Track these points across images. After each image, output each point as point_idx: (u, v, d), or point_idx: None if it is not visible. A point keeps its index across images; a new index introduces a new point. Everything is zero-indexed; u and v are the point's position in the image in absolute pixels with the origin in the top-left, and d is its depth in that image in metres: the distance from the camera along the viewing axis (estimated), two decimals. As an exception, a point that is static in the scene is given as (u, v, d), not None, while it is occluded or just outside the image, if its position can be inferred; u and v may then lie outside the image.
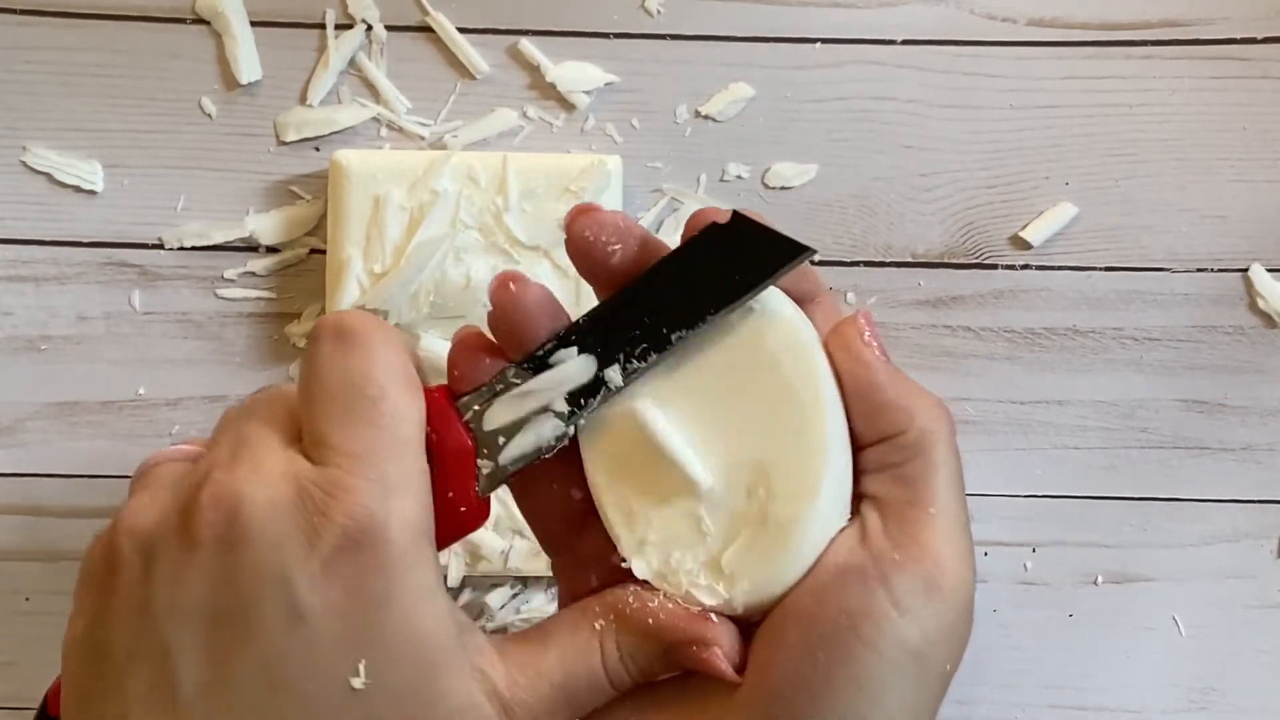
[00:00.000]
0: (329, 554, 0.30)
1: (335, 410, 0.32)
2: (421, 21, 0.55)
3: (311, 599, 0.30)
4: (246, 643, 0.30)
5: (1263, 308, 0.55)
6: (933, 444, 0.33)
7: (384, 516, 0.31)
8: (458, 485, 0.33)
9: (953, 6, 0.55)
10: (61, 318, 0.55)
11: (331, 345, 0.33)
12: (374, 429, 0.32)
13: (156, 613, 0.31)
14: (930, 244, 0.55)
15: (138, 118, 0.55)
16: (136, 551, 0.31)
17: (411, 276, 0.52)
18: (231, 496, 0.30)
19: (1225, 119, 0.55)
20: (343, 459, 0.31)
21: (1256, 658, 0.55)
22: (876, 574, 0.32)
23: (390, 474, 0.31)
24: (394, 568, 0.31)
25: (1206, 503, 0.55)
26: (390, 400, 0.32)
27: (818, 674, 0.31)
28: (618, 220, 0.34)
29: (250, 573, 0.30)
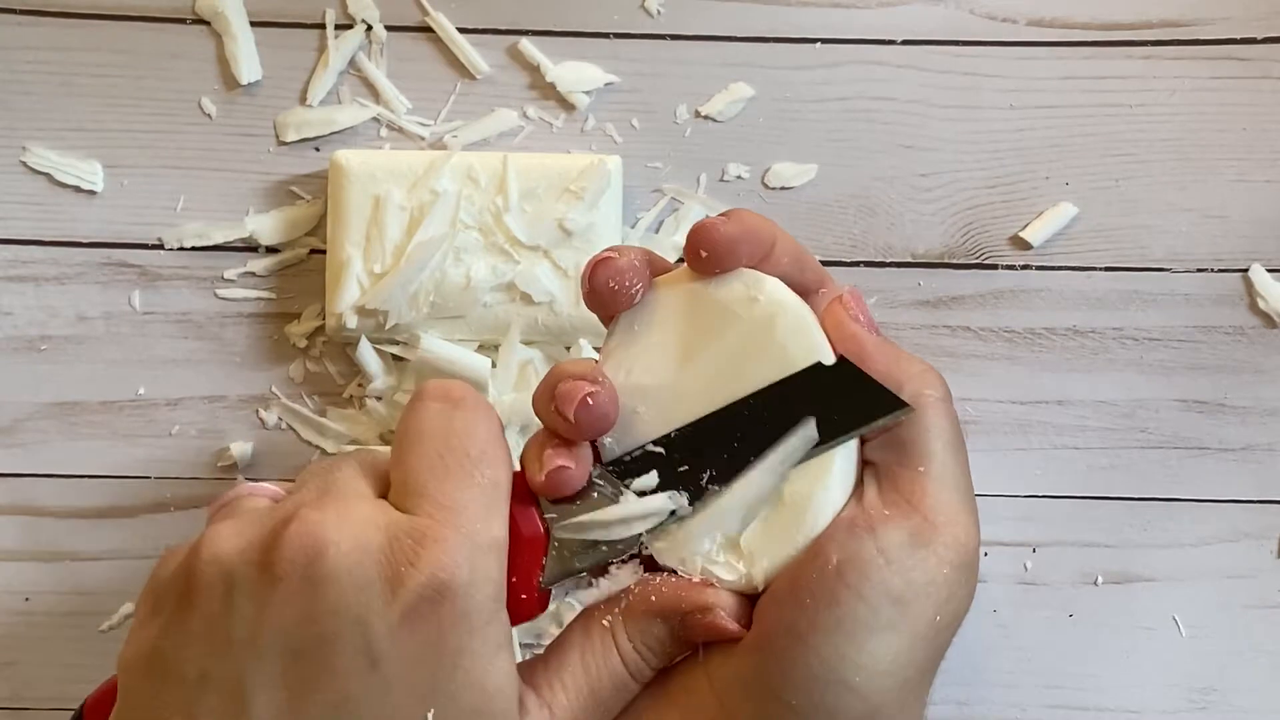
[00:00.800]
0: (412, 602, 0.30)
1: (434, 463, 0.32)
2: (421, 21, 0.55)
3: (388, 646, 0.30)
4: (320, 682, 0.30)
5: (1263, 308, 0.55)
6: (921, 407, 0.34)
7: (469, 572, 0.31)
8: (524, 571, 0.34)
9: (953, 6, 0.55)
10: (61, 318, 0.55)
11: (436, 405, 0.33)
12: (471, 487, 0.32)
13: (234, 642, 0.31)
14: (930, 244, 0.55)
15: (138, 118, 0.55)
16: (217, 578, 0.31)
17: (411, 276, 0.52)
18: (318, 536, 0.31)
19: (1225, 119, 0.55)
20: (435, 510, 0.32)
21: (1256, 658, 0.55)
22: (865, 526, 0.33)
23: (480, 533, 0.32)
24: (472, 624, 0.31)
25: (1206, 503, 0.55)
26: (490, 462, 0.33)
27: (804, 618, 0.32)
28: (634, 262, 0.35)
29: (330, 613, 0.30)
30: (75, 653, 0.54)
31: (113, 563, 0.54)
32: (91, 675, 0.53)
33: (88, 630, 0.54)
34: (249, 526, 0.32)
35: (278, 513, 0.32)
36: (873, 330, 0.35)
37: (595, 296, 0.35)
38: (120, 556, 0.54)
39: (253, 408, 0.55)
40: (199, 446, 0.54)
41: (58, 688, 0.54)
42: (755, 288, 0.35)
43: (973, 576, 0.34)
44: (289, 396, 0.55)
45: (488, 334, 0.53)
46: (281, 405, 0.55)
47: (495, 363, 0.53)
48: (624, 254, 0.35)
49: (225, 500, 0.35)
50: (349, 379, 0.55)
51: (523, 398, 0.52)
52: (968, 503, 0.34)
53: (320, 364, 0.55)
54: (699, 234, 0.35)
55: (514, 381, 0.52)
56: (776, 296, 0.35)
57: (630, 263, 0.35)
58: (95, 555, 0.54)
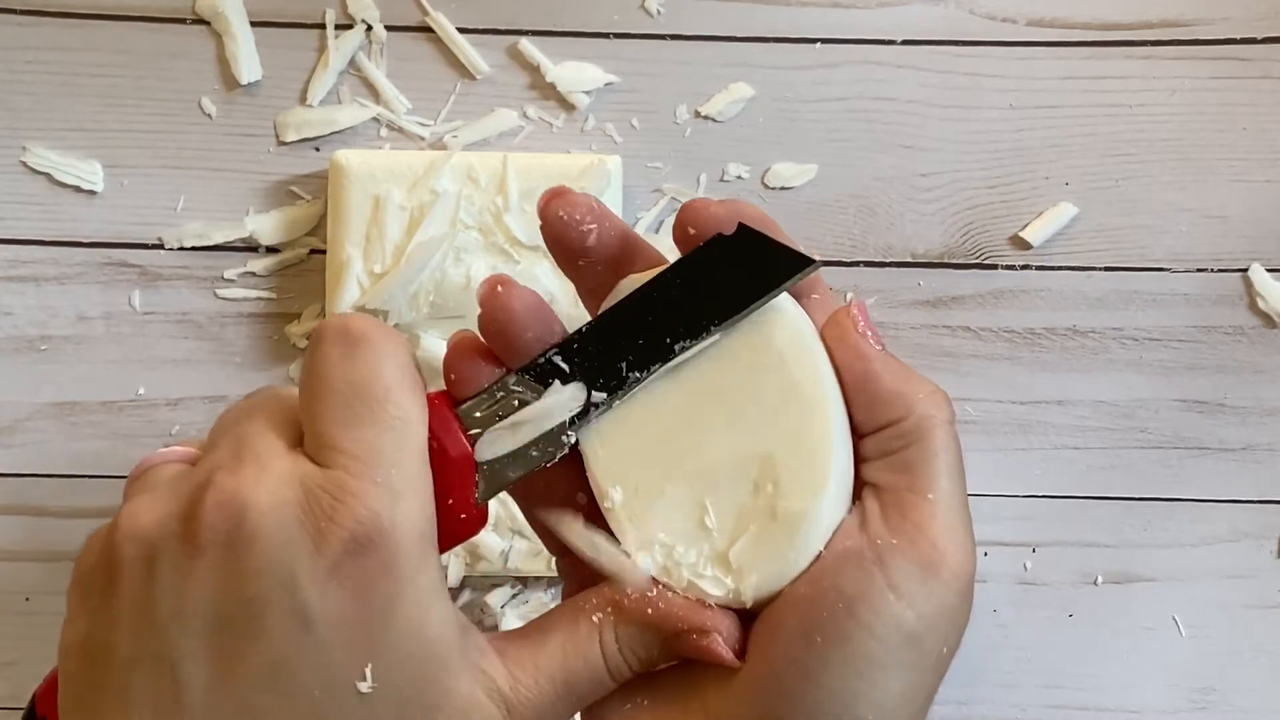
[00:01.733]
0: (336, 558, 0.30)
1: (340, 412, 0.32)
2: (421, 21, 0.55)
3: (318, 603, 0.30)
4: (253, 648, 0.30)
5: (1263, 308, 0.55)
6: (931, 430, 0.33)
7: (391, 520, 0.30)
8: (458, 492, 0.33)
9: (953, 7, 0.55)
10: (61, 318, 0.55)
11: (335, 347, 0.32)
12: (380, 431, 0.31)
13: (161, 618, 0.30)
14: (930, 244, 0.55)
15: (138, 118, 0.55)
16: (138, 555, 0.31)
17: (411, 276, 0.52)
18: (236, 500, 0.30)
19: (1225, 119, 0.55)
20: (349, 461, 0.31)
21: (1256, 658, 0.55)
22: (873, 557, 0.32)
23: (396, 477, 0.31)
24: (400, 571, 0.31)
25: (1206, 503, 0.55)
26: (396, 403, 0.32)
27: (813, 656, 0.31)
28: (590, 202, 0.34)
29: (256, 577, 0.30)
30: (75, 653, 0.54)
31: (113, 563, 0.54)
32: (91, 675, 0.53)
33: (88, 630, 0.54)
34: (165, 498, 0.32)
35: (193, 480, 0.32)
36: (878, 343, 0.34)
37: (546, 227, 0.34)
38: (120, 556, 0.54)
39: (253, 408, 0.55)
40: (199, 446, 0.54)
41: (58, 688, 0.54)
42: None
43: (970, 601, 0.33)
44: (289, 396, 0.55)
45: (488, 334, 0.53)
46: (281, 405, 0.55)
47: (495, 363, 0.53)
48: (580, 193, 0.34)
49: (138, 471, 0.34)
50: (349, 379, 0.55)
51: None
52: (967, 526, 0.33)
53: (320, 364, 0.55)
54: (689, 212, 0.34)
55: (514, 381, 0.52)
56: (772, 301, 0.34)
57: (585, 200, 0.34)
58: (95, 555, 0.54)
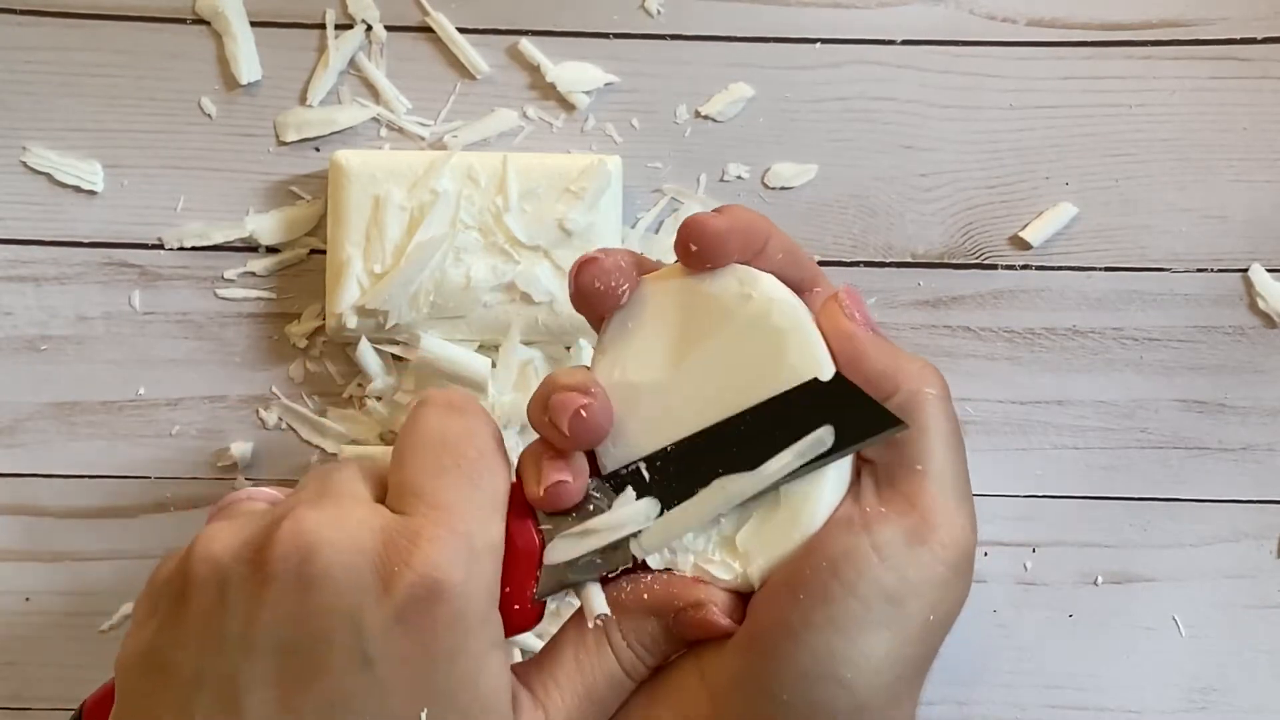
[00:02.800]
0: (404, 602, 0.30)
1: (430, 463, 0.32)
2: (421, 21, 0.55)
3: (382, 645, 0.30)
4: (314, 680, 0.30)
5: (1263, 308, 0.55)
6: (921, 405, 0.34)
7: (463, 575, 0.31)
8: (517, 583, 0.33)
9: (953, 7, 0.55)
10: (61, 318, 0.55)
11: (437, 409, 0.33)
12: (466, 487, 0.32)
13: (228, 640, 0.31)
14: (930, 244, 0.55)
15: (138, 118, 0.55)
16: (210, 576, 0.31)
17: (411, 276, 0.52)
18: (311, 533, 0.31)
19: (1225, 119, 0.55)
20: (430, 510, 0.31)
21: (1256, 658, 0.55)
22: (861, 523, 0.33)
23: (476, 534, 0.31)
24: (467, 624, 0.31)
25: (1206, 503, 0.55)
26: (488, 464, 0.33)
27: (797, 614, 0.32)
28: (620, 262, 0.35)
29: (323, 612, 0.30)
30: (75, 653, 0.54)
31: (113, 563, 0.54)
32: (91, 675, 0.53)
33: (88, 630, 0.54)
34: (244, 526, 0.32)
35: (273, 513, 0.32)
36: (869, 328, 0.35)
37: (582, 297, 0.35)
38: (120, 556, 0.54)
39: (253, 408, 0.55)
40: (199, 446, 0.54)
41: (58, 688, 0.54)
42: (749, 284, 0.35)
43: (968, 576, 0.34)
44: (289, 396, 0.55)
45: (488, 334, 0.53)
46: (281, 405, 0.55)
47: (495, 363, 0.53)
48: (610, 255, 0.35)
49: (224, 504, 0.35)
50: (349, 379, 0.55)
51: (523, 398, 0.52)
52: (965, 502, 0.34)
53: (320, 364, 0.55)
54: (690, 228, 0.34)
55: (514, 381, 0.52)
56: (770, 293, 0.34)
57: (616, 263, 0.35)
58: (95, 555, 0.54)
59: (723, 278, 0.35)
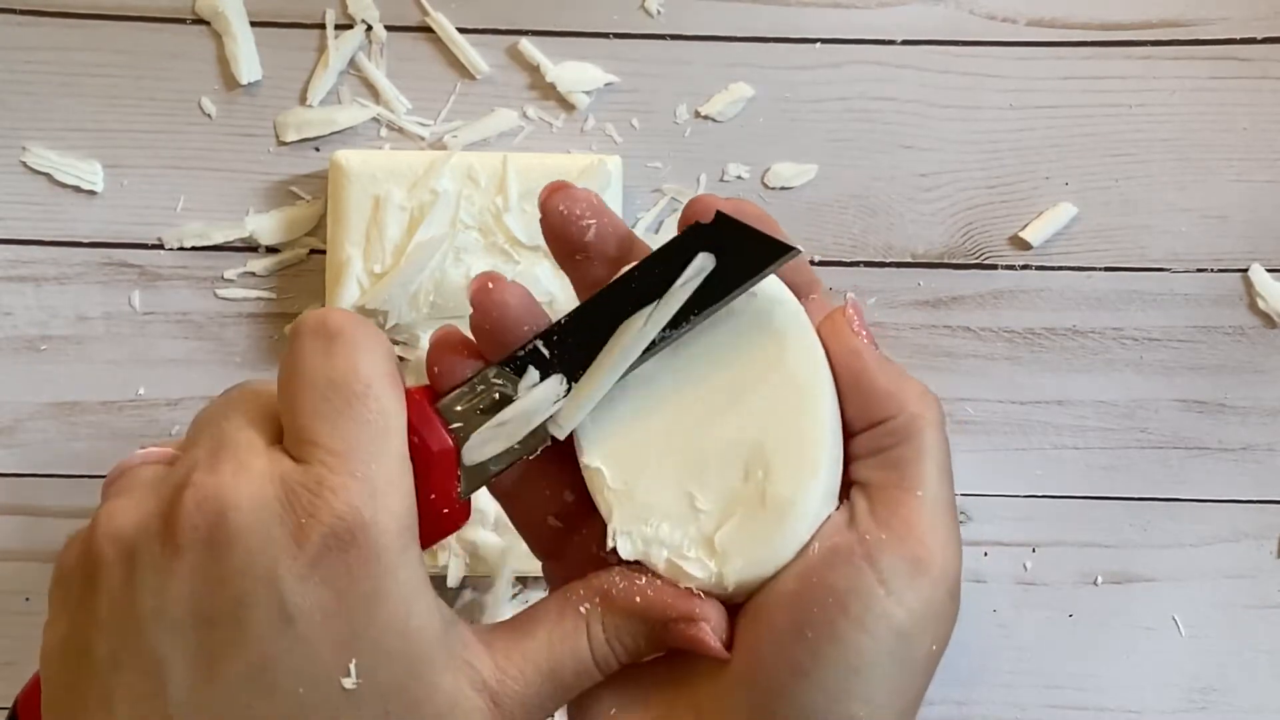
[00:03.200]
0: (317, 554, 0.30)
1: (320, 407, 0.31)
2: (421, 21, 0.55)
3: (301, 600, 0.30)
4: (236, 646, 0.30)
5: (1263, 308, 0.55)
6: (921, 429, 0.33)
7: (371, 514, 0.30)
8: (440, 486, 0.33)
9: (953, 6, 0.55)
10: (61, 318, 0.55)
11: (314, 341, 0.32)
12: (360, 425, 0.31)
13: (142, 618, 0.30)
14: (930, 244, 0.55)
15: (138, 118, 0.55)
16: (118, 556, 0.31)
17: (411, 276, 0.52)
18: (215, 498, 0.30)
19: (1225, 119, 0.55)
20: (328, 456, 0.31)
21: (1256, 658, 0.55)
22: (863, 554, 0.32)
23: (377, 472, 0.31)
24: (382, 566, 0.30)
25: (1206, 503, 0.55)
26: (376, 397, 0.32)
27: (805, 652, 0.32)
28: (590, 198, 0.34)
29: (237, 575, 0.30)
30: (75, 653, 0.54)
31: (113, 563, 0.54)
32: (91, 675, 0.53)
33: (88, 630, 0.54)
34: (144, 498, 0.32)
35: (171, 479, 0.32)
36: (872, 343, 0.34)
37: (546, 221, 0.34)
38: (120, 556, 0.54)
39: (253, 408, 0.55)
40: (199, 446, 0.54)
41: (58, 688, 0.54)
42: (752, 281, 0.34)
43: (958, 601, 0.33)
44: (289, 396, 0.55)
45: (488, 334, 0.53)
46: (281, 405, 0.55)
47: (495, 363, 0.53)
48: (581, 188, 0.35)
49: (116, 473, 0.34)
50: (349, 379, 0.55)
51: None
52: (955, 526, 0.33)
53: (320, 364, 0.55)
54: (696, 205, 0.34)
55: (514, 381, 0.52)
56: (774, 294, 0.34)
57: (585, 195, 0.34)
58: (95, 555, 0.54)
59: None
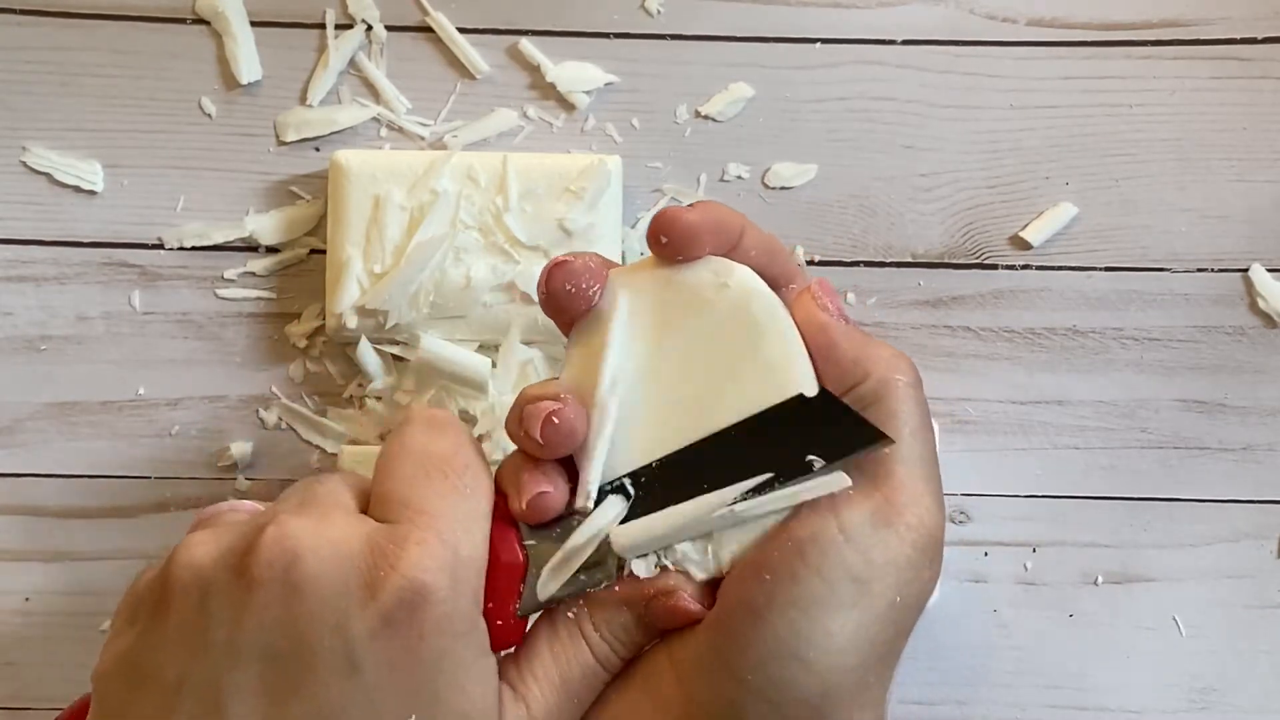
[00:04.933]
0: (391, 607, 0.30)
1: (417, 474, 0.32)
2: (421, 21, 0.55)
3: (368, 652, 0.30)
4: (300, 688, 0.30)
5: (1263, 308, 0.55)
6: (888, 392, 0.34)
7: (451, 579, 0.31)
8: (499, 598, 0.33)
9: (953, 6, 0.55)
10: (61, 318, 0.55)
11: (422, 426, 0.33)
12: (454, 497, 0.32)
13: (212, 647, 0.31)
14: (930, 244, 0.55)
15: (138, 118, 0.55)
16: (193, 584, 0.31)
17: (411, 276, 0.52)
18: (295, 539, 0.31)
19: (1225, 119, 0.55)
20: (416, 516, 0.31)
21: (1256, 658, 0.55)
22: (828, 504, 0.33)
23: (462, 541, 0.31)
24: (454, 629, 0.31)
25: (1206, 503, 0.55)
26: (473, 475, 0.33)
27: (761, 594, 0.32)
28: (589, 264, 0.35)
29: (308, 618, 0.30)
30: (75, 653, 0.54)
31: (113, 563, 0.54)
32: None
33: (88, 630, 0.54)
34: (226, 533, 0.32)
35: (256, 521, 0.32)
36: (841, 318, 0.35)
37: (552, 301, 0.35)
38: (120, 556, 0.54)
39: (253, 408, 0.55)
40: (199, 446, 0.54)
41: (58, 688, 0.54)
42: (724, 274, 0.35)
43: (936, 559, 0.34)
44: (289, 396, 0.55)
45: (488, 334, 0.53)
46: (281, 405, 0.55)
47: (495, 363, 0.53)
48: (579, 257, 0.35)
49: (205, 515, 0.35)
50: (349, 379, 0.55)
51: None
52: (932, 485, 0.34)
53: (320, 364, 0.55)
54: (661, 221, 0.34)
55: (514, 381, 0.52)
56: (746, 283, 0.35)
57: (586, 264, 0.35)
58: (95, 555, 0.54)
59: (697, 268, 0.35)
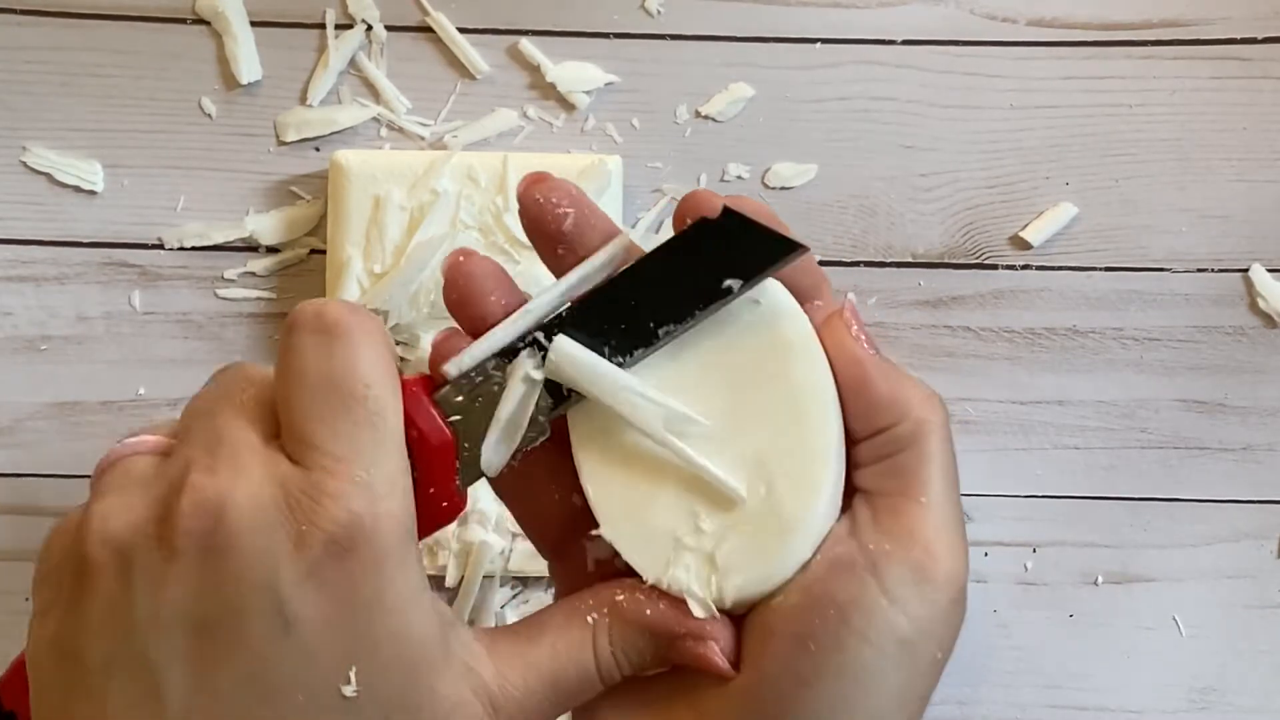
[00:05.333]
0: (316, 560, 0.30)
1: (318, 408, 0.31)
2: (421, 21, 0.55)
3: (299, 607, 0.30)
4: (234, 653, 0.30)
5: (1263, 308, 0.55)
6: (926, 435, 0.33)
7: (372, 520, 0.30)
8: (438, 479, 0.33)
9: (953, 6, 0.55)
10: (61, 318, 0.55)
11: (312, 337, 0.32)
12: (359, 428, 0.31)
13: (138, 623, 0.30)
14: (930, 244, 0.55)
15: (138, 118, 0.55)
16: (111, 558, 0.31)
17: (411, 276, 0.52)
18: (213, 502, 0.30)
19: (1225, 119, 0.55)
20: (328, 460, 0.30)
21: (1256, 658, 0.55)
22: (866, 564, 0.32)
23: (377, 475, 0.31)
24: (382, 571, 0.30)
25: (1206, 503, 0.55)
26: (374, 397, 0.31)
27: (809, 664, 0.31)
28: (568, 188, 0.34)
29: (235, 581, 0.30)
30: (75, 653, 0.54)
31: (113, 563, 0.54)
32: (91, 675, 0.53)
33: (88, 630, 0.54)
34: (138, 499, 0.31)
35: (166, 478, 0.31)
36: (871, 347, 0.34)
37: (524, 210, 0.34)
38: (120, 556, 0.54)
39: (253, 408, 0.55)
40: (199, 446, 0.54)
41: (58, 688, 0.54)
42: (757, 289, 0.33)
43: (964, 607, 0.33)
44: (289, 396, 0.55)
45: (488, 334, 0.53)
46: (281, 405, 0.55)
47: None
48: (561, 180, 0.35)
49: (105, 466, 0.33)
50: (349, 379, 0.55)
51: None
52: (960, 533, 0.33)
53: (320, 364, 0.55)
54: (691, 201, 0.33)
55: (514, 381, 0.52)
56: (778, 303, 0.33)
57: (563, 185, 0.34)
58: (95, 555, 0.54)
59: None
